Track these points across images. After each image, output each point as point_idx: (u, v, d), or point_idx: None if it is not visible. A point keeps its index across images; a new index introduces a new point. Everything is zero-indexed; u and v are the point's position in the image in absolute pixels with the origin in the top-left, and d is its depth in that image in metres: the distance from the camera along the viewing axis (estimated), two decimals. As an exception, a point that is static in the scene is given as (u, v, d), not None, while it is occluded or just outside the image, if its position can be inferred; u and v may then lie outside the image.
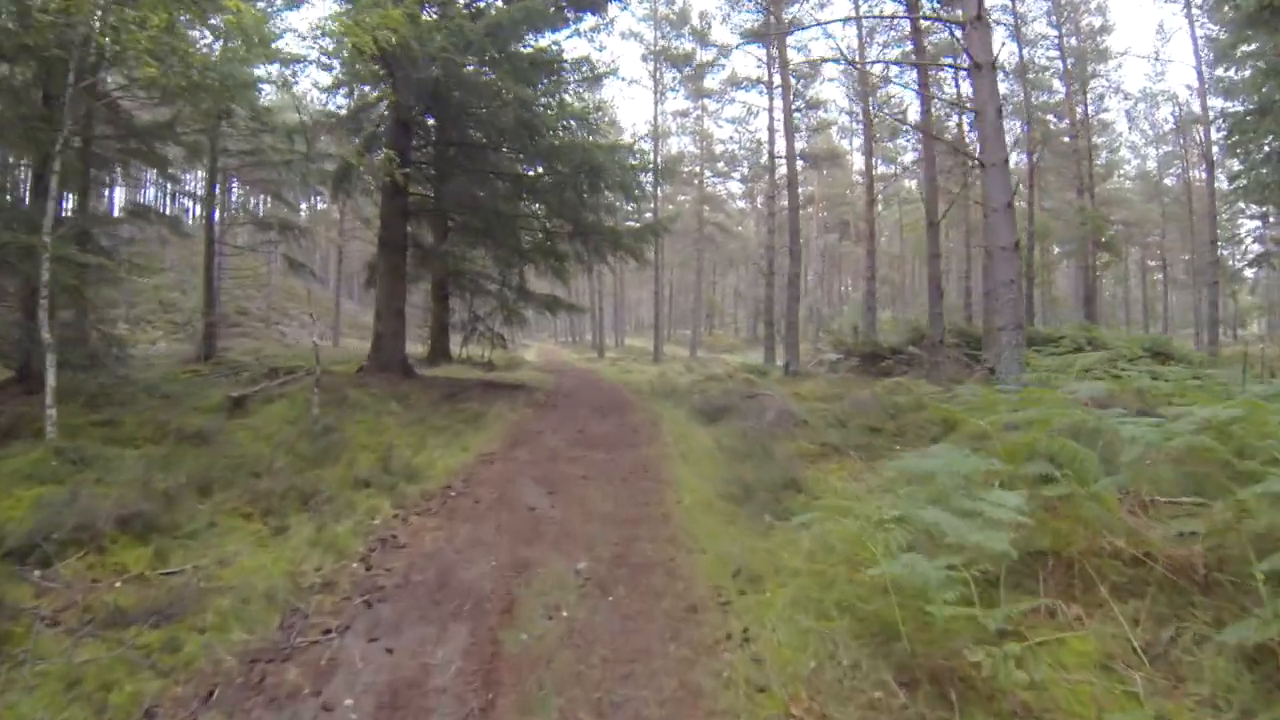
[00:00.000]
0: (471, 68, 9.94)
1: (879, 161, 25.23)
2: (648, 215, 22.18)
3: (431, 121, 12.46)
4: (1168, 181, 36.95)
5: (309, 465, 5.70)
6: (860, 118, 23.72)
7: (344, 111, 14.00)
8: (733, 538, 4.39)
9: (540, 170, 10.93)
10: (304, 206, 39.78)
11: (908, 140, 26.39)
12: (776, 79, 23.25)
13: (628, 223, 15.20)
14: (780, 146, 29.28)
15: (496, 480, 5.77)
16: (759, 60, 24.35)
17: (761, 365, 18.66)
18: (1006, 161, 8.49)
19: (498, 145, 11.67)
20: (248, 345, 28.15)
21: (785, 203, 33.30)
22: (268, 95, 17.63)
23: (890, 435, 8.06)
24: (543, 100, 10.85)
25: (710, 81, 30.09)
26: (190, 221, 37.19)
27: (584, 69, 13.12)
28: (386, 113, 11.63)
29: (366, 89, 13.38)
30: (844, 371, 17.06)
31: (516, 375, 15.54)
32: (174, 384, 10.25)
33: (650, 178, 13.83)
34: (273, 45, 21.49)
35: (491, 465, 6.29)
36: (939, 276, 14.64)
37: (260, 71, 20.61)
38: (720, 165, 36.48)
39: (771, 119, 23.50)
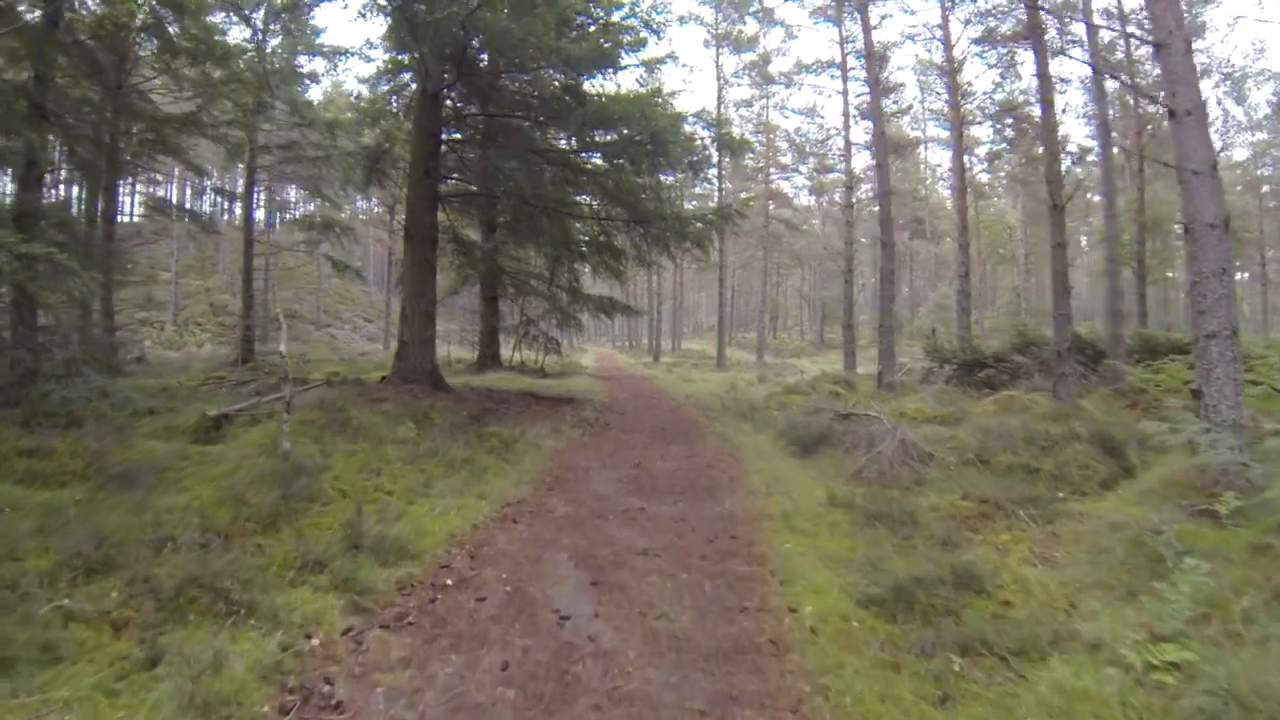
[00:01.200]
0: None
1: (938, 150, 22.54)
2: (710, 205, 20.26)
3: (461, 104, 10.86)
4: (1263, 171, 32.58)
5: (251, 530, 4.00)
6: (948, 98, 21.14)
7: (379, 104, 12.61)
8: (904, 710, 2.46)
9: (594, 138, 9.08)
10: (359, 206, 39.49)
11: (990, 126, 23.70)
12: (851, 61, 21.06)
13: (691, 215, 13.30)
14: (856, 133, 26.90)
15: (516, 556, 3.93)
16: (830, 40, 22.25)
17: (843, 374, 16.43)
18: (1203, 109, 6.25)
19: (540, 117, 9.95)
20: (294, 349, 27.52)
21: (865, 193, 30.89)
22: (310, 89, 16.53)
23: (1050, 479, 6.01)
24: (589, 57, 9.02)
25: (778, 65, 27.92)
26: (225, 220, 37.36)
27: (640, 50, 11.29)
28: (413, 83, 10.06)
29: (406, 77, 11.98)
30: (941, 382, 14.72)
31: (566, 384, 13.82)
32: (173, 395, 8.89)
33: (716, 150, 11.79)
34: (314, 39, 20.54)
35: (513, 527, 4.46)
36: (1065, 270, 12.12)
37: (303, 66, 19.59)
38: (786, 159, 34.14)
39: (846, 103, 21.21)
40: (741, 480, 5.96)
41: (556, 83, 9.47)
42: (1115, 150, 16.40)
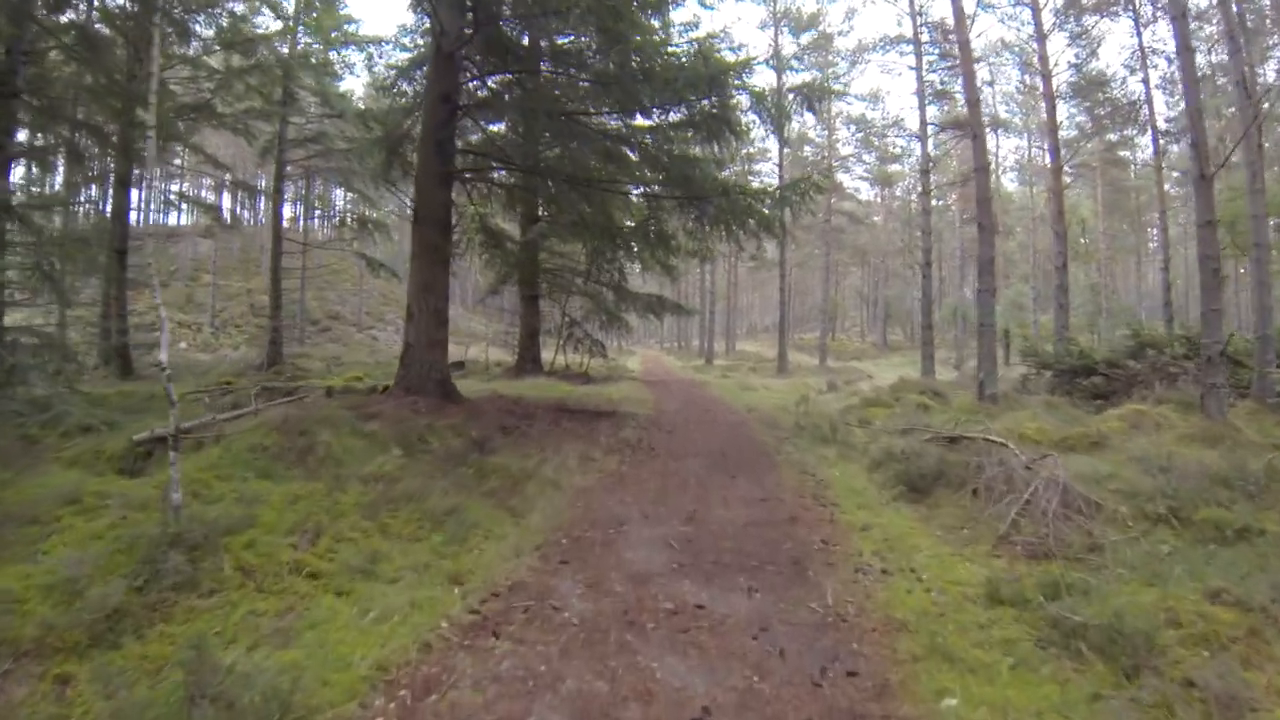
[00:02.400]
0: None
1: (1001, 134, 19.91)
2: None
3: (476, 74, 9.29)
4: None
5: (59, 649, 2.44)
6: (1036, 69, 18.55)
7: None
8: None
9: (644, 98, 7.32)
10: (398, 202, 38.86)
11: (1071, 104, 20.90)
12: (924, 34, 18.83)
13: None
14: (931, 113, 24.45)
15: (479, 724, 2.23)
16: (900, 13, 20.05)
17: (922, 381, 14.29)
18: None
19: (570, 70, 8.30)
20: (330, 350, 26.75)
21: (960, 171, 28.26)
22: (344, 79, 15.51)
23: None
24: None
25: (841, 44, 25.70)
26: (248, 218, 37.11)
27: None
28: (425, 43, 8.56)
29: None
30: (1044, 392, 12.48)
31: (608, 392, 12.15)
32: (133, 408, 7.59)
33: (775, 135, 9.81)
34: (347, 28, 19.45)
35: (490, 647, 2.74)
36: (1217, 255, 9.77)
37: (336, 56, 18.46)
38: (848, 149, 31.79)
39: (920, 78, 18.96)
40: (840, 543, 4.14)
41: (591, 33, 7.79)
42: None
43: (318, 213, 31.52)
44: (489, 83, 9.54)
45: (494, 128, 10.63)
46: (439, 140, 8.38)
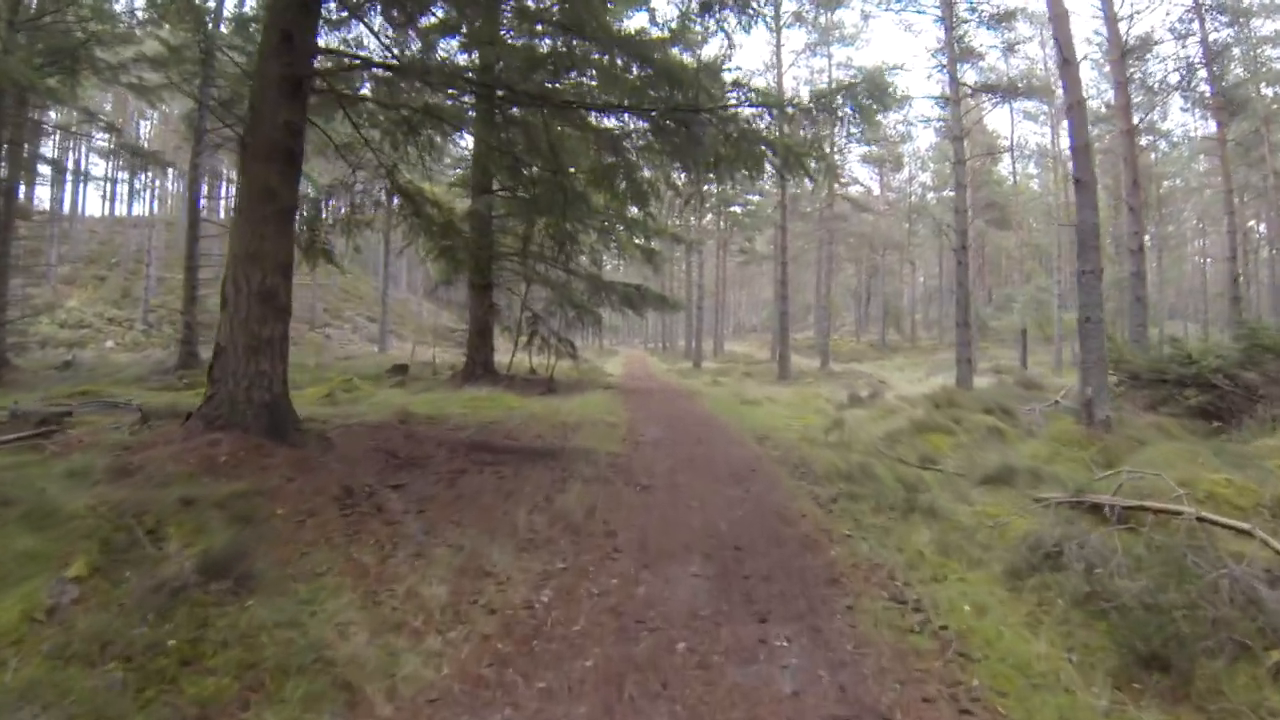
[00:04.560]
0: None
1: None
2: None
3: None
4: None
5: None
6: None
7: None
8: None
9: None
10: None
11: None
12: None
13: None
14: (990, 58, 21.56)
15: None
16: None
17: (957, 390, 11.44)
18: None
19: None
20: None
21: (926, 175, 25.27)
22: None
23: None
24: None
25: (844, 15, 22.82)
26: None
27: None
28: None
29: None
30: (1140, 408, 9.65)
31: (568, 409, 9.14)
32: None
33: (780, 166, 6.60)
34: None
35: None
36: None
37: None
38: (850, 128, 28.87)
39: (950, 30, 16.10)
40: None
41: None
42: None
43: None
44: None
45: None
46: (285, 28, 5.33)
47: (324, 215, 8.31)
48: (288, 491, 4.07)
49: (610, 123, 6.62)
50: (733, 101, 5.27)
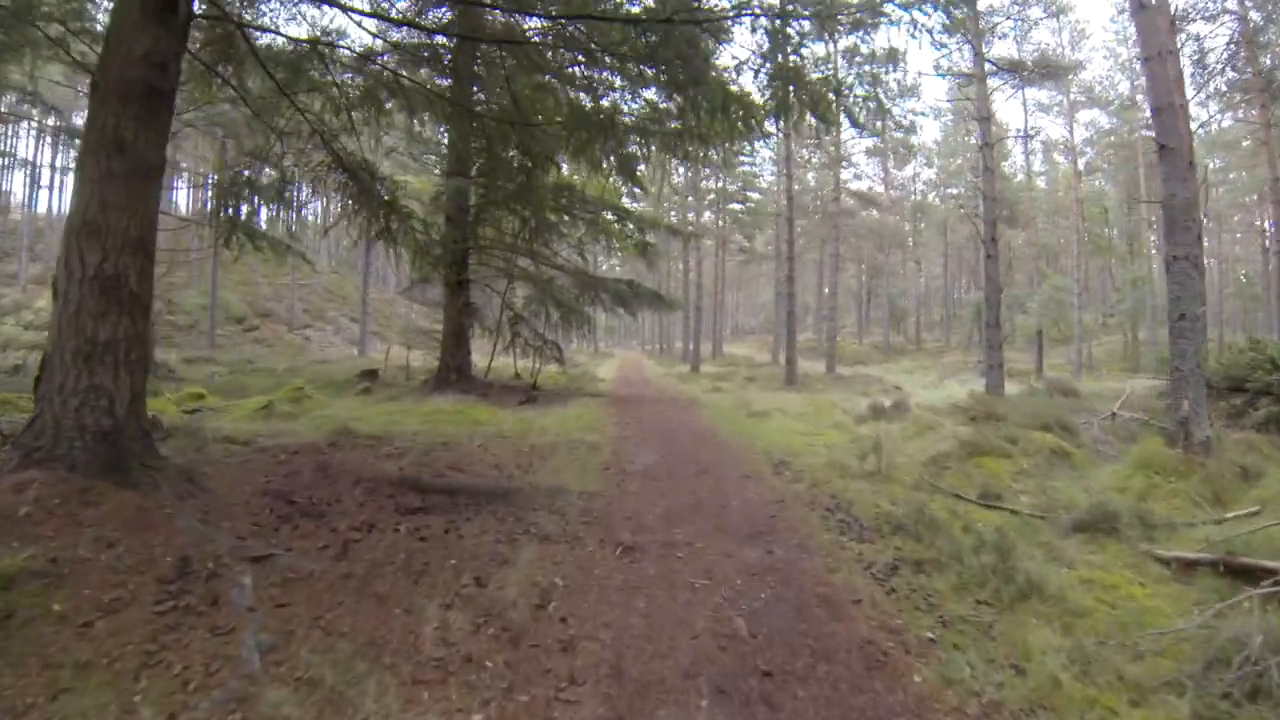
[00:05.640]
0: None
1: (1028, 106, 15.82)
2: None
3: None
4: None
5: None
6: None
7: None
8: None
9: None
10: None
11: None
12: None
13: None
14: (998, 49, 20.32)
15: None
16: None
17: (987, 397, 10.09)
18: None
19: None
20: (244, 354, 22.09)
21: (927, 173, 24.00)
22: None
23: None
24: None
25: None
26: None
27: None
28: None
29: None
30: (1220, 419, 8.34)
31: (545, 425, 7.78)
32: None
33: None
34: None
35: None
36: None
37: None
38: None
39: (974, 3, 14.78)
40: None
41: None
42: None
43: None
44: None
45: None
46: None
47: (244, 190, 6.93)
48: (95, 566, 2.72)
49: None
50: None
